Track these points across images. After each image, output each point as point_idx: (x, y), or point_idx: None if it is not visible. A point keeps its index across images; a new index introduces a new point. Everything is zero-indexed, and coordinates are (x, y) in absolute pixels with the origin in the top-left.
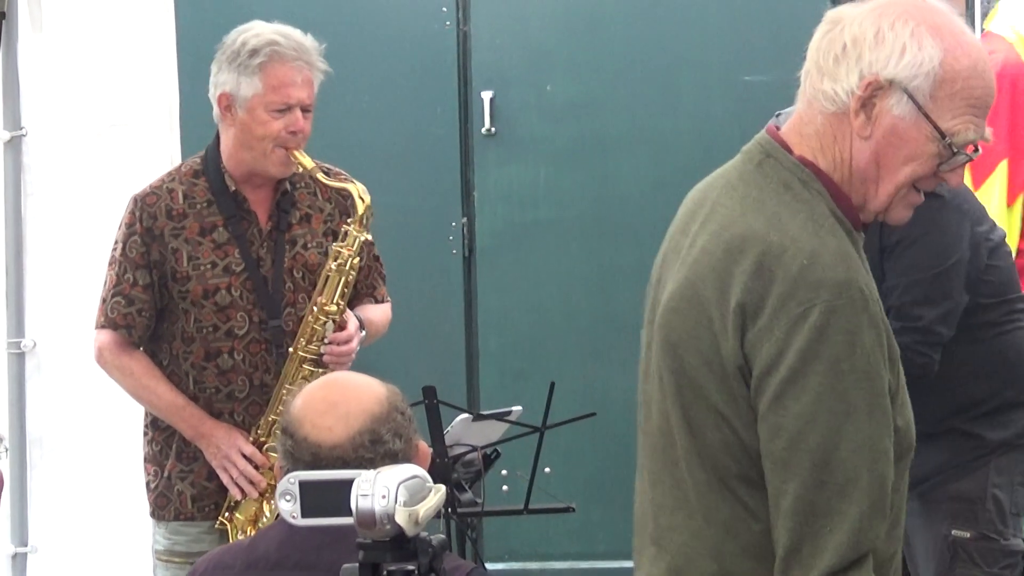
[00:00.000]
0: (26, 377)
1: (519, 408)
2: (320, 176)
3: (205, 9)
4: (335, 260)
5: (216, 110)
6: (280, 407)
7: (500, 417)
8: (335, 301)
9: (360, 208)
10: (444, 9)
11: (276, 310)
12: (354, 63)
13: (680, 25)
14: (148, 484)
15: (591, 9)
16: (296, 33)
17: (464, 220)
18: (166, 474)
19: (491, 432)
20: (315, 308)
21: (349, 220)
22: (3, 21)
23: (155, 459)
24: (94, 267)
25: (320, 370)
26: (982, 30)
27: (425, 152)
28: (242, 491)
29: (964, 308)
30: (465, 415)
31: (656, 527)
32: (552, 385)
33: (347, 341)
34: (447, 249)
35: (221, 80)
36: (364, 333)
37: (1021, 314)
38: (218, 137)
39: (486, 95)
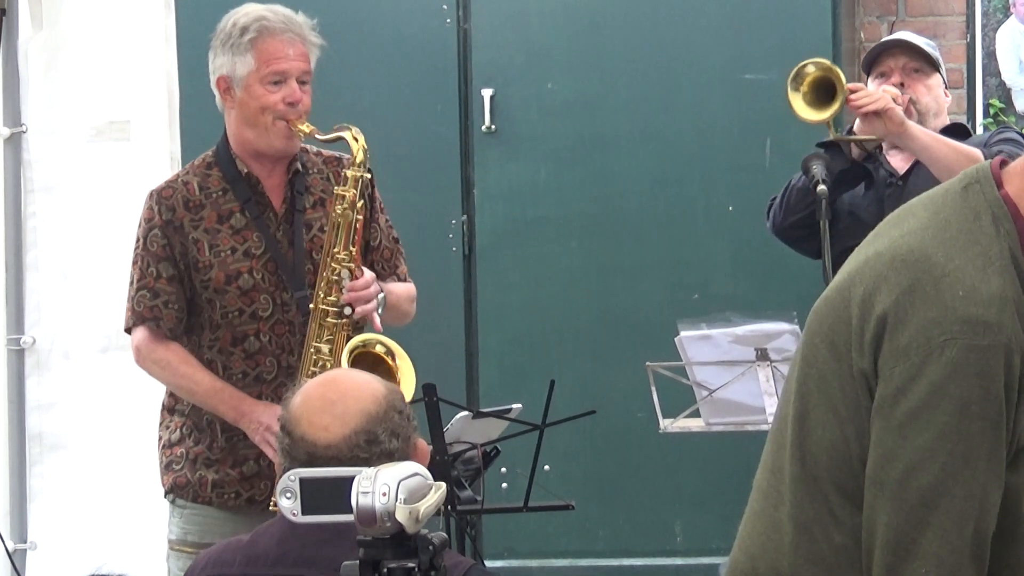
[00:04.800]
0: (25, 374)
1: (519, 406)
2: (317, 136)
3: (205, 7)
4: (339, 204)
5: (217, 97)
6: (312, 368)
7: (500, 415)
8: (346, 248)
9: (355, 149)
10: (444, 7)
11: (301, 283)
12: (354, 61)
13: (680, 24)
14: (169, 465)
15: (591, 7)
16: (286, 9)
17: (464, 218)
18: (191, 457)
19: (491, 430)
20: (328, 259)
21: (347, 161)
22: (3, 18)
23: (178, 443)
24: (94, 264)
25: (343, 320)
26: (982, 29)
27: (425, 150)
28: None
29: None
30: (465, 413)
31: (749, 508)
32: (552, 383)
33: (366, 286)
34: (447, 247)
35: (218, 64)
36: (383, 296)
37: None
38: (226, 132)
39: (486, 93)
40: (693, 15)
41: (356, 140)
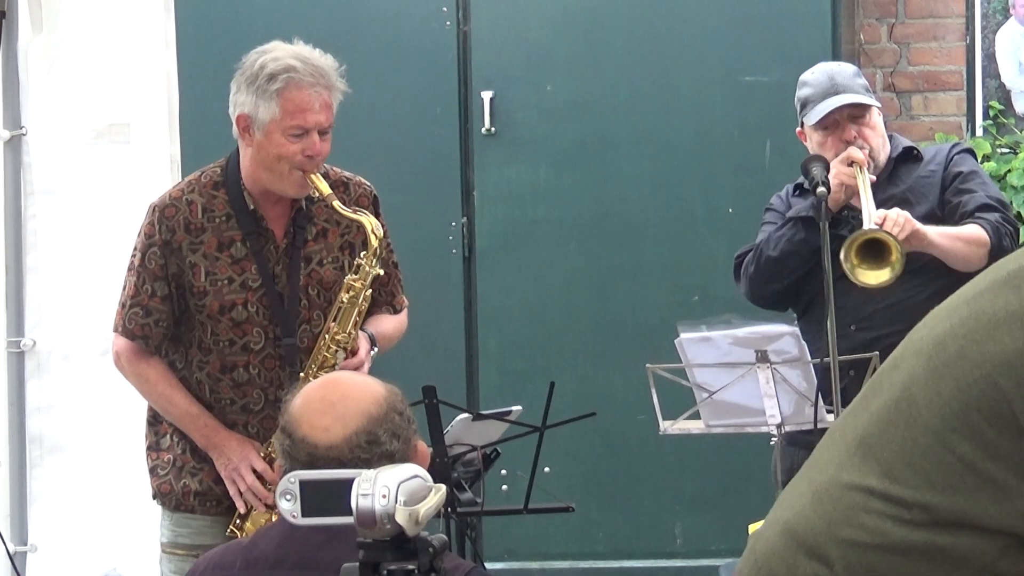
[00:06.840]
0: (25, 376)
1: (519, 408)
2: (336, 205)
3: (205, 10)
4: (347, 292)
5: (235, 129)
6: None
7: (500, 417)
8: (347, 331)
9: (373, 242)
10: (444, 9)
11: (291, 328)
12: (354, 63)
13: (680, 25)
14: (154, 469)
15: (591, 9)
16: (314, 55)
17: (464, 220)
18: (178, 464)
19: (491, 432)
20: (327, 336)
21: (363, 254)
22: (3, 20)
23: (167, 448)
24: (94, 267)
25: None
26: (982, 31)
27: (425, 152)
28: (248, 504)
29: None
30: (465, 415)
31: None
32: (552, 385)
33: (357, 367)
34: (447, 249)
35: (240, 101)
36: (376, 350)
37: None
38: (237, 151)
39: (486, 95)
40: (693, 17)
41: (375, 234)
